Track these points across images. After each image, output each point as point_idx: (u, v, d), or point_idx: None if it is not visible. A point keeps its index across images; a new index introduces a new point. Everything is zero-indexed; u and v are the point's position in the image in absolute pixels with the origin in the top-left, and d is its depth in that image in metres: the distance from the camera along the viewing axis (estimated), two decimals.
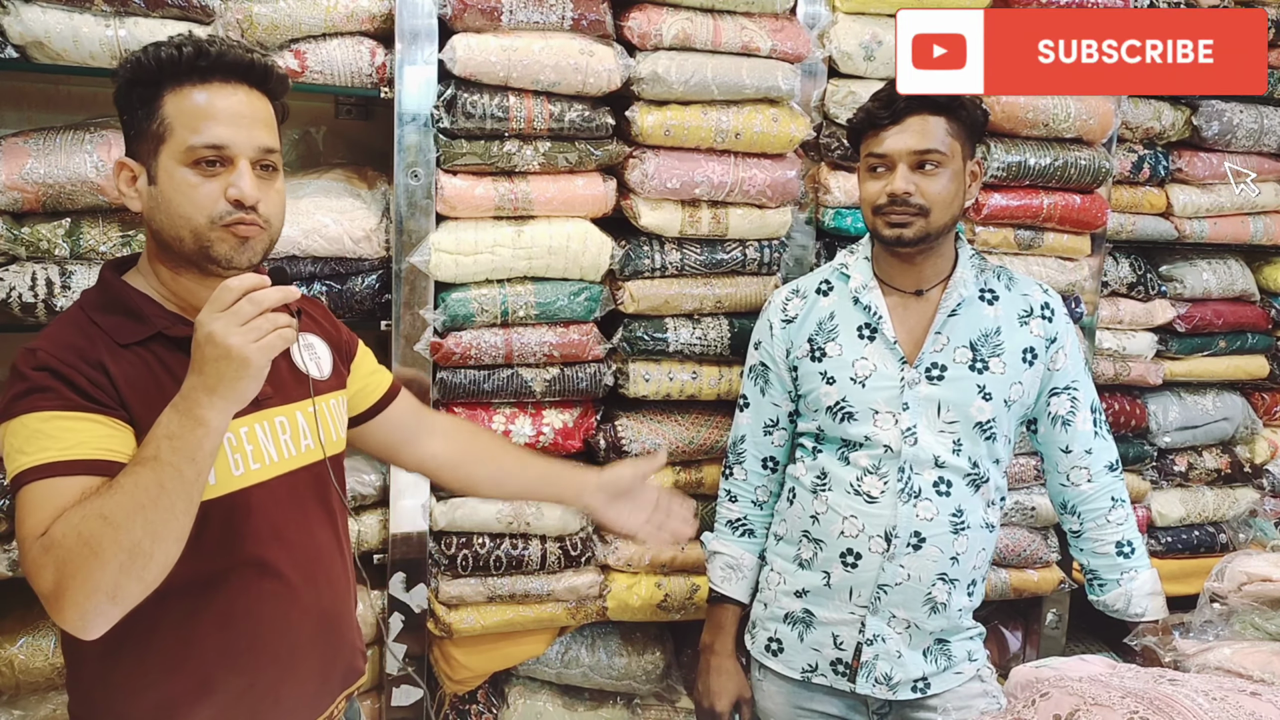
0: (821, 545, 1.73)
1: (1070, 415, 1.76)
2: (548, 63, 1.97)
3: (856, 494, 1.69)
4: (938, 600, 1.69)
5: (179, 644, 1.23)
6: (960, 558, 1.69)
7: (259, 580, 1.27)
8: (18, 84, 2.18)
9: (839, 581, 1.71)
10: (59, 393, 1.12)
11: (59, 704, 1.99)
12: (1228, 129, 2.54)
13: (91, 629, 1.06)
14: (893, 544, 1.66)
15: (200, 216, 1.19)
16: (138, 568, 1.04)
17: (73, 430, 1.11)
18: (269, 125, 1.25)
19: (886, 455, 1.67)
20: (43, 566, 1.05)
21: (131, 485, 1.05)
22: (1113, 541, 1.77)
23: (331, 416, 1.40)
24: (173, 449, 1.06)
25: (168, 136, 1.19)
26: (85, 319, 1.22)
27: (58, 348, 1.16)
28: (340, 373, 1.47)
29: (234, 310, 1.07)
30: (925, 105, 1.63)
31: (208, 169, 1.19)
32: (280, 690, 1.31)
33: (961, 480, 1.68)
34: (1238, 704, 1.21)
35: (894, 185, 1.63)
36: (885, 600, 1.69)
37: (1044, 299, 1.76)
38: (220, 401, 1.07)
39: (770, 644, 1.81)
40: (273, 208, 1.25)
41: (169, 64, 1.19)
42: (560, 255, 2.08)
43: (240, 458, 1.25)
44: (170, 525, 1.06)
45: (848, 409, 1.70)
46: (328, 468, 1.37)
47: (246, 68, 1.22)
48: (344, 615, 1.42)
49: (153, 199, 1.22)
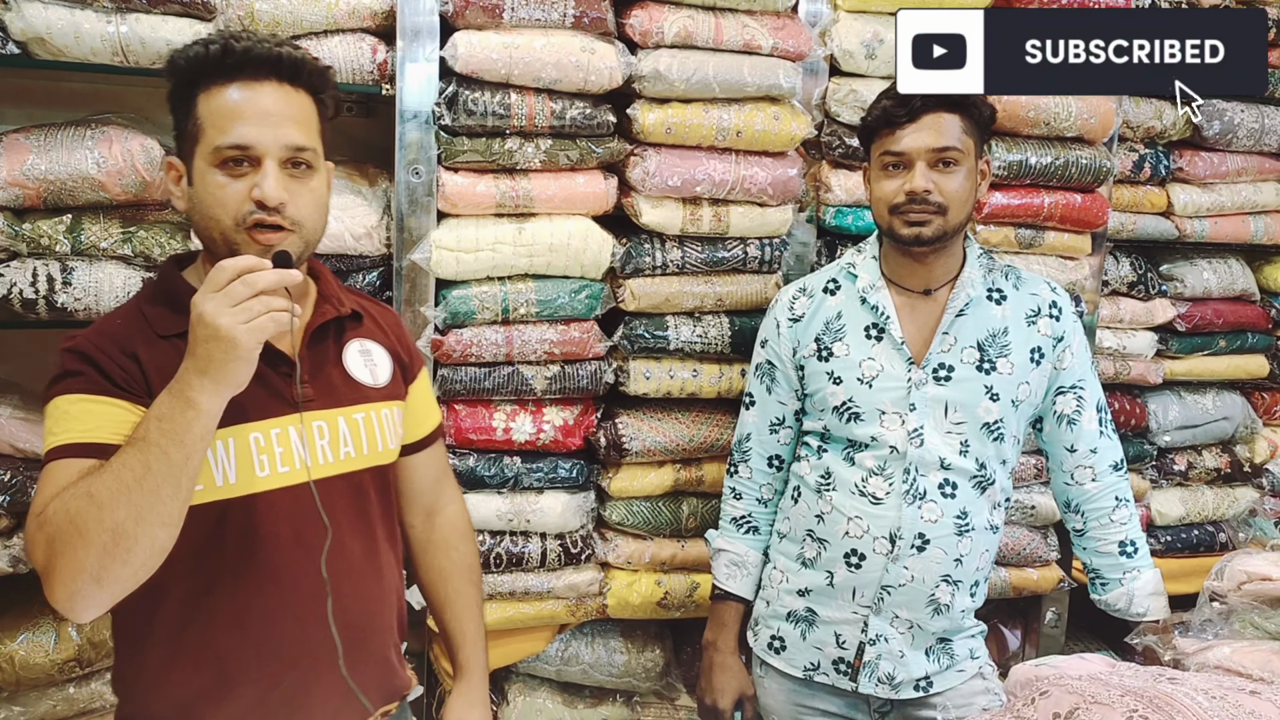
0: (825, 545, 1.73)
1: (1076, 414, 1.76)
2: (549, 60, 1.97)
3: (861, 495, 1.69)
4: (941, 601, 1.68)
5: (199, 643, 1.23)
6: (964, 559, 1.69)
7: (276, 586, 1.24)
8: (19, 80, 2.17)
9: (842, 581, 1.71)
10: (89, 377, 1.15)
11: (59, 700, 2.00)
12: (1229, 128, 2.54)
13: (80, 610, 1.06)
14: (897, 545, 1.66)
15: (226, 218, 1.18)
16: (122, 550, 1.03)
17: (95, 414, 1.13)
18: (301, 122, 1.23)
19: (892, 456, 1.67)
20: (36, 543, 1.07)
21: (119, 466, 1.05)
22: (1116, 541, 1.76)
23: (382, 425, 1.36)
24: (161, 431, 1.05)
25: (200, 137, 1.20)
26: (136, 309, 1.25)
27: (97, 335, 1.19)
28: (399, 384, 1.43)
29: (227, 291, 1.06)
30: (941, 102, 1.62)
31: (235, 169, 1.18)
32: (300, 699, 1.28)
33: (967, 482, 1.68)
34: (1237, 702, 1.21)
35: (913, 183, 1.61)
36: (888, 601, 1.69)
37: (1052, 298, 1.75)
38: (210, 384, 1.06)
39: (773, 642, 1.81)
40: (305, 208, 1.22)
41: (197, 63, 1.19)
42: (561, 253, 2.08)
43: (267, 459, 1.23)
44: (155, 508, 1.04)
45: (854, 409, 1.70)
46: (368, 477, 1.33)
47: (275, 62, 1.20)
48: (375, 630, 1.37)
49: (190, 200, 1.23)
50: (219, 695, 1.24)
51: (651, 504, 2.26)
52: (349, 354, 1.35)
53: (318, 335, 1.32)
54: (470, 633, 1.56)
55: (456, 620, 1.57)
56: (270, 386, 1.24)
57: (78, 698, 2.00)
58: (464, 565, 1.59)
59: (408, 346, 1.49)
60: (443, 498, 1.61)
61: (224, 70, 1.19)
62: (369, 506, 1.35)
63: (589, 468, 2.23)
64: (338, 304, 1.37)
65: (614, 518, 2.25)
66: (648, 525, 2.26)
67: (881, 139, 1.68)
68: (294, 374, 1.27)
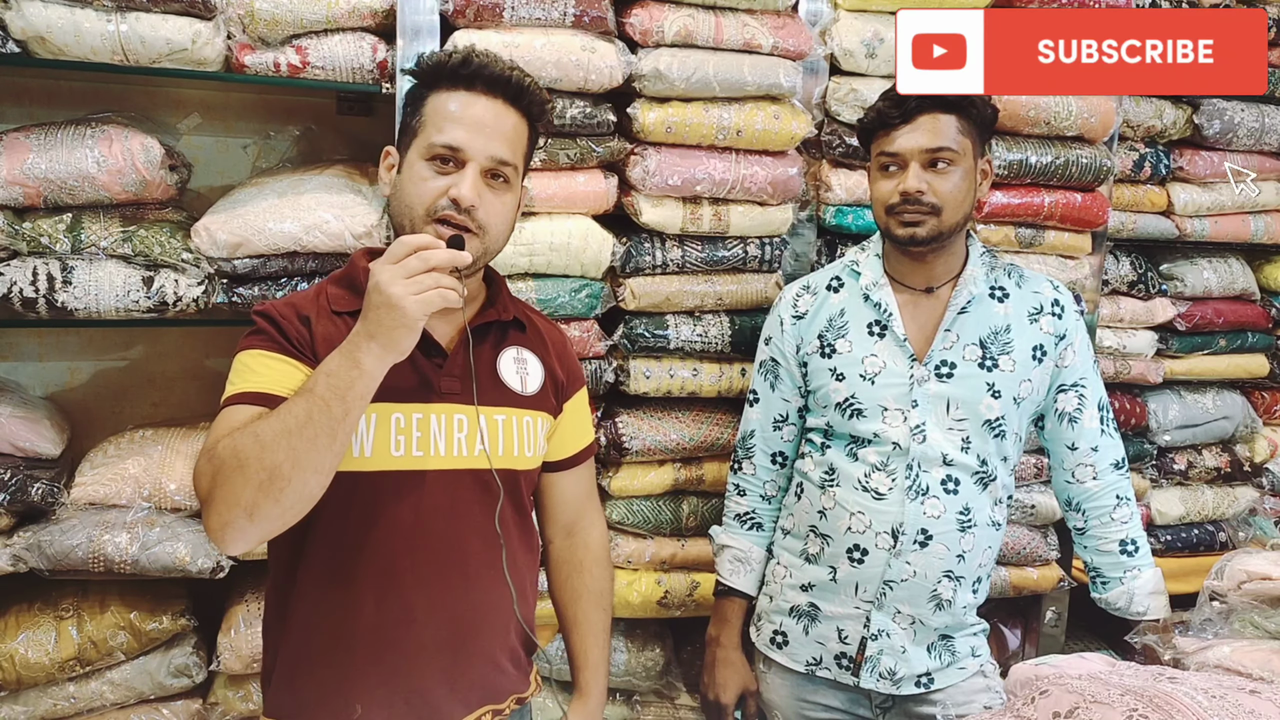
0: (828, 540, 1.73)
1: (1077, 412, 1.76)
2: (549, 59, 1.97)
3: (864, 490, 1.69)
4: (943, 597, 1.69)
5: (314, 612, 1.31)
6: (967, 555, 1.69)
7: (392, 566, 1.30)
8: (19, 79, 2.18)
9: (845, 576, 1.72)
10: (270, 335, 1.27)
11: (60, 699, 2.00)
12: (1229, 128, 2.54)
13: (229, 541, 1.14)
14: (899, 541, 1.66)
15: (420, 208, 1.28)
16: (276, 489, 1.11)
17: (270, 368, 1.24)
18: (510, 139, 1.32)
19: (895, 452, 1.67)
20: (202, 474, 1.16)
21: (285, 412, 1.14)
22: (1117, 540, 1.77)
23: (522, 432, 1.40)
24: (328, 385, 1.14)
25: (419, 132, 1.31)
26: (322, 288, 1.37)
27: (283, 304, 1.32)
28: (549, 397, 1.47)
29: (403, 264, 1.14)
30: (937, 104, 1.63)
31: (441, 166, 1.29)
32: (397, 681, 1.32)
33: (969, 478, 1.68)
34: (1237, 702, 1.21)
35: (906, 184, 1.63)
36: (890, 596, 1.69)
37: (1054, 296, 1.76)
38: (377, 348, 1.14)
39: (775, 637, 1.81)
40: (493, 216, 1.31)
41: (436, 68, 1.32)
42: (561, 252, 2.08)
43: (404, 439, 1.30)
44: (310, 455, 1.12)
45: (857, 405, 1.70)
46: (494, 478, 1.35)
47: (504, 82, 1.31)
48: (482, 629, 1.39)
49: (395, 186, 1.34)
50: (321, 665, 1.32)
51: (652, 503, 2.26)
52: (503, 359, 1.42)
53: (477, 335, 1.38)
54: (594, 657, 1.61)
55: (582, 642, 1.61)
56: (420, 373, 1.33)
57: (79, 696, 2.00)
58: (597, 590, 1.62)
59: (568, 365, 1.54)
60: (585, 519, 1.63)
61: (458, 79, 1.30)
62: (497, 507, 1.37)
63: None
64: (502, 310, 1.44)
65: (614, 517, 2.25)
66: (648, 524, 2.26)
67: (878, 139, 1.69)
68: (445, 365, 1.35)
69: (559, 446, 1.54)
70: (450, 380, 1.34)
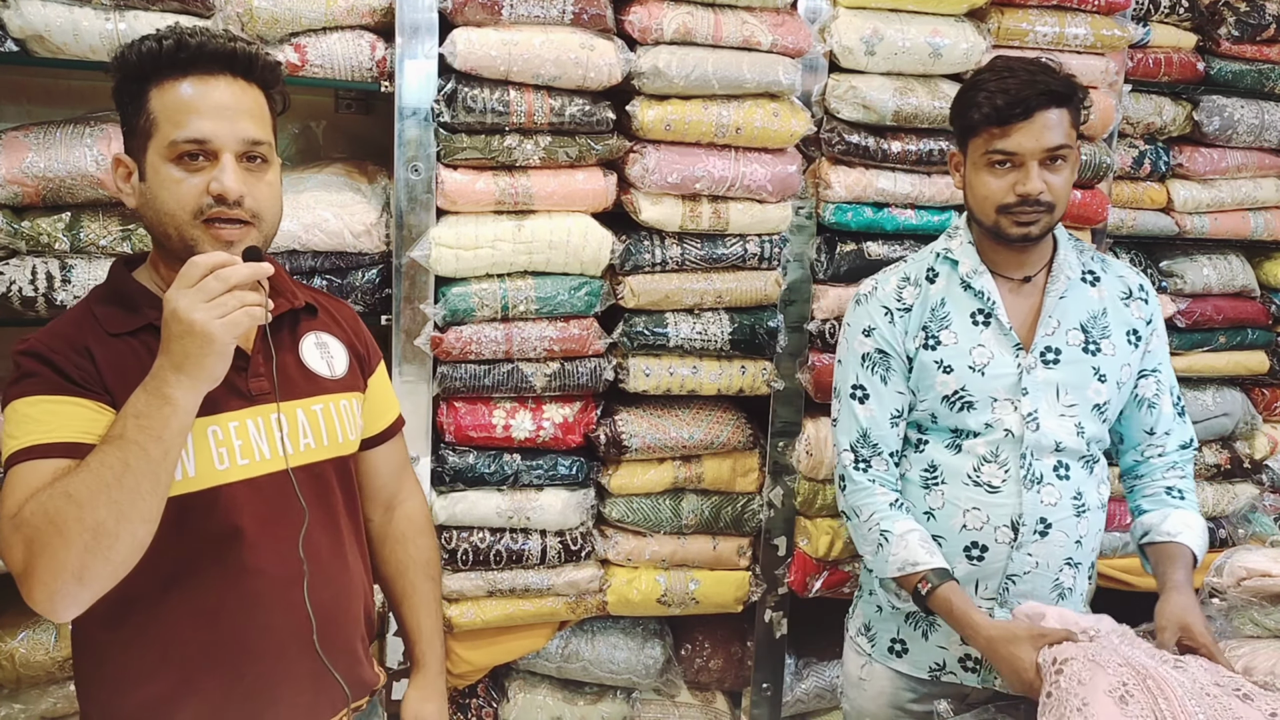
0: (941, 541, 1.67)
1: (1156, 398, 1.73)
2: (548, 57, 1.97)
3: (976, 484, 1.65)
4: (1065, 585, 1.66)
5: (161, 642, 1.22)
6: (1083, 540, 1.66)
7: (241, 579, 1.23)
8: (18, 78, 2.18)
9: (964, 575, 1.66)
10: (45, 377, 1.14)
11: (59, 698, 2.00)
12: (1229, 124, 2.53)
13: (60, 610, 1.06)
14: (1020, 533, 1.63)
15: (183, 212, 1.17)
16: (103, 548, 1.03)
17: (56, 414, 1.12)
18: (256, 116, 1.22)
19: (1006, 441, 1.64)
20: (12, 545, 1.05)
21: (97, 464, 1.05)
22: (1164, 486, 1.73)
23: (340, 417, 1.36)
24: (139, 427, 1.05)
25: (154, 131, 1.18)
26: (86, 310, 1.24)
27: (49, 336, 1.18)
28: (357, 376, 1.43)
29: (200, 286, 1.06)
30: (1053, 99, 1.57)
31: (191, 163, 1.17)
32: (269, 694, 1.27)
33: (1077, 462, 1.66)
34: (1226, 705, 1.22)
35: (1029, 185, 1.57)
36: (1014, 590, 1.65)
37: (1139, 280, 1.75)
38: (186, 380, 1.07)
39: (893, 645, 1.77)
40: (263, 201, 1.21)
41: (150, 58, 1.18)
42: (561, 250, 2.08)
43: (226, 451, 1.22)
44: (136, 505, 1.04)
45: (967, 398, 1.66)
46: (330, 469, 1.33)
47: (229, 58, 1.20)
48: (342, 622, 1.35)
49: (143, 195, 1.21)
50: (183, 693, 1.22)
51: (651, 501, 2.26)
52: (305, 346, 1.35)
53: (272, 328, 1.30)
54: (427, 627, 1.56)
55: (413, 614, 1.56)
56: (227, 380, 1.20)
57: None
58: (422, 560, 1.58)
59: (364, 340, 1.49)
60: (402, 491, 1.59)
61: (178, 65, 1.17)
62: (332, 498, 1.34)
63: (589, 465, 2.23)
64: (291, 297, 1.36)
65: (614, 515, 2.25)
66: (648, 522, 2.26)
67: (988, 135, 1.60)
68: (248, 367, 1.26)
69: (371, 422, 1.48)
70: (258, 381, 1.26)
